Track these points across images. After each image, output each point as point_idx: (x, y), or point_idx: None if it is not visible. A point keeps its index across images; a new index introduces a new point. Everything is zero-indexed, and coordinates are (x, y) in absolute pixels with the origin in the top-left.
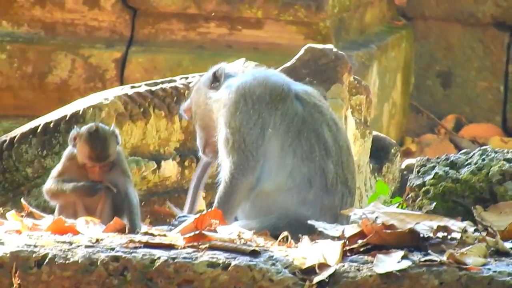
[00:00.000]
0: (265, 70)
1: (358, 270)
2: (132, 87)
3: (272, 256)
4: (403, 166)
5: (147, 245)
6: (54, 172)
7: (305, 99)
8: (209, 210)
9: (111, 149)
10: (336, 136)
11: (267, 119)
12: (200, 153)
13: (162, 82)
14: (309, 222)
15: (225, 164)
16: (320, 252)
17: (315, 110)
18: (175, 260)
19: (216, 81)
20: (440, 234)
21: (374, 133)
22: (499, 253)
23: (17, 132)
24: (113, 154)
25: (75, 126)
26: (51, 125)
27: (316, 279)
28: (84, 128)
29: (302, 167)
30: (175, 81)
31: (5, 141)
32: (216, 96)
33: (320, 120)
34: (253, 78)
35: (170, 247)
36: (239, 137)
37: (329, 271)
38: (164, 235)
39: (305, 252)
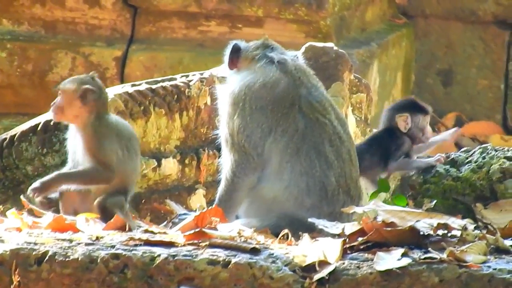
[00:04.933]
0: (280, 69)
1: (358, 267)
2: (133, 85)
3: (273, 254)
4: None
5: (147, 242)
6: None
7: (308, 115)
8: (210, 207)
9: None
10: (339, 149)
11: (267, 129)
12: None
13: (163, 80)
14: (309, 219)
15: (226, 162)
16: (320, 249)
17: (317, 127)
18: (176, 258)
19: (232, 64)
20: (440, 232)
21: (375, 131)
22: (499, 251)
23: (18, 130)
24: None
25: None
26: (51, 123)
27: (316, 276)
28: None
29: (300, 181)
30: (175, 79)
31: (5, 139)
32: (222, 89)
33: (322, 137)
34: (262, 81)
35: (170, 244)
36: (238, 140)
37: (329, 269)
38: (165, 233)
39: (305, 250)
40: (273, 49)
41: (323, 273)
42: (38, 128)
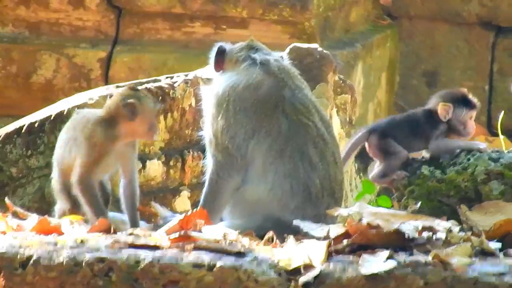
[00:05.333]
0: (264, 70)
1: (344, 270)
2: (117, 86)
3: (258, 257)
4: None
5: (132, 245)
6: (87, 161)
7: (292, 116)
8: (195, 210)
9: None
10: (323, 151)
11: (250, 130)
12: None
13: (147, 82)
14: (294, 222)
15: (210, 164)
16: (305, 252)
17: (300, 129)
18: (160, 261)
19: (218, 66)
20: (425, 234)
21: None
22: (484, 253)
23: (2, 132)
24: None
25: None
26: (36, 125)
27: (302, 279)
28: (142, 96)
29: (284, 183)
30: (160, 80)
31: None
32: (206, 90)
33: (306, 139)
34: (246, 82)
35: (155, 247)
36: (222, 141)
37: (315, 272)
38: (150, 236)
39: (290, 253)
40: (258, 50)
41: (309, 276)
42: (23, 130)
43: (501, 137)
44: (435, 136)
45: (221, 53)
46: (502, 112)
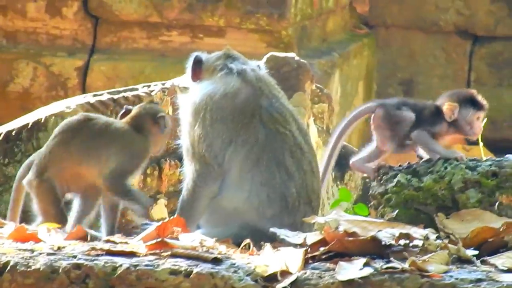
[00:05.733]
0: (240, 79)
1: (320, 277)
2: (94, 95)
3: (234, 264)
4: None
5: (109, 252)
6: (127, 169)
7: (269, 125)
8: (172, 217)
9: None
10: (300, 161)
11: (227, 139)
12: None
13: (125, 91)
14: (271, 229)
15: (187, 172)
16: (282, 259)
17: (277, 138)
18: (137, 268)
19: (195, 76)
20: (402, 242)
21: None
22: (461, 261)
23: None
24: None
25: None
26: (13, 133)
27: (278, 286)
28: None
29: (260, 192)
30: (137, 89)
31: None
32: (183, 99)
33: (282, 148)
34: (223, 91)
35: (132, 254)
36: (199, 150)
37: (291, 279)
38: (126, 243)
39: (267, 260)
40: (235, 59)
41: (285, 283)
42: (0, 138)
43: (481, 144)
44: (425, 130)
45: (198, 62)
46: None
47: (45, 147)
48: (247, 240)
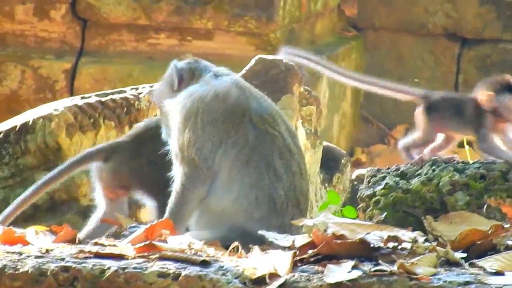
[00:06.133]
0: (227, 80)
1: (308, 280)
2: (82, 98)
3: (223, 266)
4: (353, 177)
5: (97, 255)
6: None
7: (259, 126)
8: (160, 220)
9: None
10: (289, 162)
11: (217, 141)
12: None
13: (112, 93)
14: (260, 232)
15: (176, 175)
16: (270, 262)
17: (267, 139)
18: (126, 270)
19: (179, 84)
20: (390, 244)
21: (324, 143)
22: (449, 263)
23: None
24: None
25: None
26: (1, 135)
27: None
28: None
29: (249, 194)
30: (125, 92)
31: None
32: (172, 103)
33: (271, 149)
34: (214, 93)
35: (120, 257)
36: (188, 153)
37: (279, 281)
38: (115, 246)
39: (255, 262)
40: (208, 65)
41: (273, 285)
42: None
43: (466, 147)
44: (483, 127)
45: (181, 70)
46: None
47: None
48: (236, 243)
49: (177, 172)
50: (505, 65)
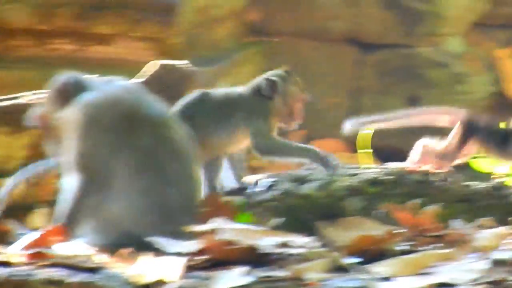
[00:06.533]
0: (119, 86)
1: (199, 286)
2: None
3: (110, 273)
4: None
5: None
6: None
7: (151, 132)
8: (51, 226)
9: None
10: (181, 168)
11: (110, 148)
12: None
13: (9, 99)
14: (150, 238)
15: (69, 182)
16: (160, 268)
17: (159, 145)
18: (12, 278)
19: (66, 97)
20: (282, 250)
21: None
22: (341, 269)
23: None
24: None
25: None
26: None
27: None
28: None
29: (141, 200)
30: (18, 98)
31: None
32: (64, 115)
33: (164, 155)
34: (104, 99)
35: (7, 264)
36: (83, 161)
37: None
38: (1, 253)
39: (144, 269)
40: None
41: None
42: None
43: (359, 151)
44: None
45: (67, 83)
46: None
47: None
48: (125, 249)
49: (70, 180)
50: (405, 70)
